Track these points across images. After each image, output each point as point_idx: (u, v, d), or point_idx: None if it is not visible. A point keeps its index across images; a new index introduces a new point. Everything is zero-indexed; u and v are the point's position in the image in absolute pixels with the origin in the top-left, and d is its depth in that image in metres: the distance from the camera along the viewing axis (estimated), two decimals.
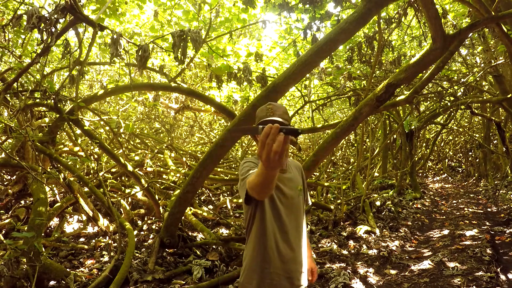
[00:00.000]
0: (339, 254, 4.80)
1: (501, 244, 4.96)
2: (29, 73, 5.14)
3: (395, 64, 6.12)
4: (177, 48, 3.47)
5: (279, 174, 1.71)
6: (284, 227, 1.72)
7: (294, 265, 1.74)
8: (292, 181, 1.80)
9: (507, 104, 6.68)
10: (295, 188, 1.80)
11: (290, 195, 1.75)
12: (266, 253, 1.69)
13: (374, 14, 3.56)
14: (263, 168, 1.15)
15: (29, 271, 3.26)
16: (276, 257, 1.69)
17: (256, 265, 1.71)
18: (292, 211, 1.76)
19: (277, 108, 1.70)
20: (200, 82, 8.80)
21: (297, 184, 1.82)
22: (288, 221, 1.73)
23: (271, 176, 1.19)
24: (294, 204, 1.77)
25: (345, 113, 13.77)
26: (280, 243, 1.70)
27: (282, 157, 1.06)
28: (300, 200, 1.81)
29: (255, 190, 1.34)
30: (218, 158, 4.26)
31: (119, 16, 6.06)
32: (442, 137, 17.32)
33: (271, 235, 1.70)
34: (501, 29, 3.95)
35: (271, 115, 1.66)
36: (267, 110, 1.69)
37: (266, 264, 1.69)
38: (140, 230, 5.70)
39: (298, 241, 1.77)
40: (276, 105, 1.72)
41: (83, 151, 6.32)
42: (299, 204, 1.81)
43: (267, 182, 1.24)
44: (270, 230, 1.70)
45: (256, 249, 1.71)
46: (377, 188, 9.83)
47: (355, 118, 4.13)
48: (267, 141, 1.03)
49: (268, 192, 1.33)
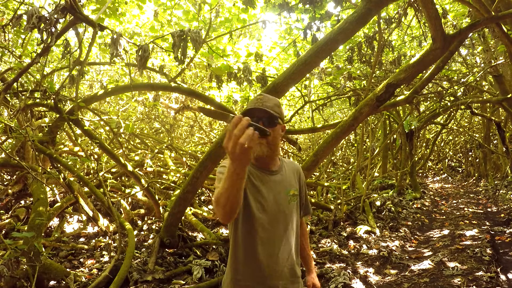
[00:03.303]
0: (339, 254, 4.80)
1: (501, 244, 4.96)
2: (29, 73, 5.14)
3: (395, 64, 6.12)
4: (177, 48, 3.47)
5: (264, 176, 1.56)
6: (265, 236, 1.50)
7: (279, 280, 1.53)
8: (281, 184, 1.59)
9: (507, 104, 6.68)
10: (284, 192, 1.58)
11: (274, 201, 1.54)
12: (239, 265, 1.53)
13: (374, 14, 3.56)
14: (229, 163, 1.09)
15: (29, 271, 3.26)
16: (253, 271, 1.51)
17: (231, 277, 1.55)
18: (277, 219, 1.53)
19: (267, 99, 1.54)
20: (200, 82, 8.79)
21: (288, 188, 1.60)
22: (273, 230, 1.51)
23: (237, 175, 1.10)
24: (280, 211, 1.54)
25: (345, 113, 13.77)
26: (258, 255, 1.49)
27: (249, 152, 1.03)
28: (291, 207, 1.59)
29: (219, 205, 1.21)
30: (218, 158, 4.26)
31: (119, 16, 6.05)
32: (442, 137, 17.32)
33: (246, 247, 1.51)
34: (501, 29, 3.95)
35: (259, 105, 1.51)
36: (256, 100, 1.55)
37: (239, 276, 1.53)
38: (140, 230, 5.70)
39: (285, 254, 1.55)
40: (267, 96, 1.57)
41: (83, 151, 6.32)
42: (290, 212, 1.58)
43: (233, 187, 1.13)
44: (244, 242, 1.51)
45: (230, 261, 1.56)
46: (377, 188, 9.84)
47: (355, 118, 4.13)
48: (234, 132, 1.01)
49: (233, 207, 1.20)
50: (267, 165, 1.59)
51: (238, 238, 1.52)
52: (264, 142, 1.48)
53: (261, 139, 1.38)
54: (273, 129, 1.50)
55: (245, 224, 1.50)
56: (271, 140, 1.50)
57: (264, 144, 1.49)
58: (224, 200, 1.19)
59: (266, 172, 1.57)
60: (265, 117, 1.49)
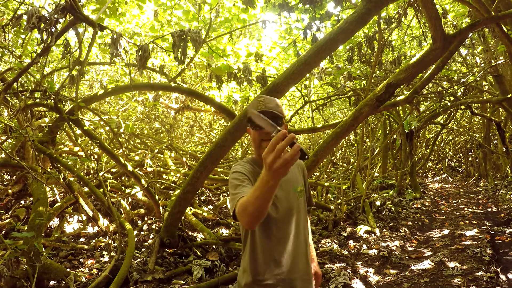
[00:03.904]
0: (339, 254, 4.80)
1: (501, 244, 4.96)
2: (29, 73, 5.14)
3: (395, 64, 6.12)
4: (177, 48, 3.47)
5: None
6: (280, 235, 1.58)
7: (297, 273, 1.60)
8: (289, 182, 1.65)
9: (507, 104, 6.68)
10: (293, 190, 1.65)
11: (285, 199, 1.60)
12: (259, 266, 1.57)
13: (374, 14, 3.56)
14: (265, 174, 1.09)
15: (29, 271, 3.26)
16: (273, 269, 1.56)
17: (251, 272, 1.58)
18: (290, 217, 1.61)
19: (269, 101, 1.57)
20: (200, 82, 8.79)
21: (296, 185, 1.67)
22: (286, 228, 1.59)
23: (271, 187, 1.10)
24: (291, 208, 1.62)
25: (345, 113, 13.77)
26: (276, 254, 1.56)
27: (288, 168, 1.04)
28: (300, 203, 1.66)
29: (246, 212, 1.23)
30: (218, 158, 4.26)
31: (119, 16, 6.05)
32: (442, 137, 17.32)
33: (264, 248, 1.56)
34: (501, 29, 3.95)
35: (262, 107, 1.53)
36: (258, 103, 1.56)
37: (260, 276, 1.57)
38: (140, 230, 5.70)
39: (299, 248, 1.63)
40: (268, 98, 1.60)
41: (83, 151, 6.32)
42: (299, 207, 1.66)
43: (264, 198, 1.15)
44: (262, 243, 1.56)
45: (250, 263, 1.59)
46: (377, 188, 9.83)
47: (355, 118, 4.13)
48: (278, 146, 1.02)
49: (260, 216, 1.23)
50: None
51: (256, 240, 1.57)
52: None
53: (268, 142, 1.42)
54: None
55: (262, 226, 1.54)
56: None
57: None
58: (253, 209, 1.20)
59: None
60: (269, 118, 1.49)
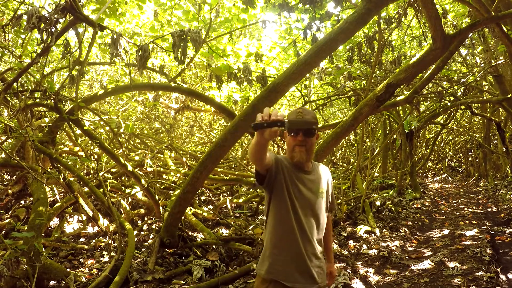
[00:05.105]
0: (339, 254, 4.80)
1: (501, 244, 4.96)
2: (29, 73, 5.13)
3: (395, 64, 6.12)
4: (177, 48, 3.47)
5: (300, 174, 1.89)
6: (300, 223, 1.82)
7: (309, 261, 1.81)
8: (314, 183, 1.91)
9: (507, 104, 6.68)
10: (315, 189, 1.90)
11: (306, 194, 1.86)
12: (278, 241, 1.82)
13: (374, 14, 3.56)
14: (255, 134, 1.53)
15: (29, 271, 3.26)
16: (289, 248, 1.80)
17: (269, 252, 1.84)
18: (310, 211, 1.85)
19: (307, 113, 1.85)
20: (200, 82, 8.79)
21: (318, 186, 1.92)
22: (306, 220, 1.83)
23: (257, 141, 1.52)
24: (311, 204, 1.86)
25: (345, 113, 13.77)
26: (294, 235, 1.80)
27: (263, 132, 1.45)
28: (320, 203, 1.90)
29: (249, 153, 1.68)
30: (218, 158, 4.27)
31: (119, 16, 6.05)
32: (442, 137, 17.32)
33: (286, 225, 1.81)
34: (501, 29, 3.95)
35: (300, 118, 1.81)
36: (297, 113, 1.85)
37: (277, 251, 1.82)
38: (140, 230, 5.70)
39: (315, 241, 1.85)
40: (306, 110, 1.88)
41: (83, 151, 6.32)
42: (319, 206, 1.90)
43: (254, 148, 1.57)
44: (285, 220, 1.81)
45: (270, 236, 1.85)
46: (377, 188, 9.83)
47: (355, 118, 4.13)
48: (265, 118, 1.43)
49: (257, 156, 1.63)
50: (303, 166, 1.91)
51: (277, 218, 1.84)
52: (304, 149, 1.83)
53: (300, 147, 1.83)
54: (311, 139, 1.84)
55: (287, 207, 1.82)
56: (309, 147, 1.85)
57: (304, 152, 1.83)
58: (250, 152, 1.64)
59: (302, 171, 1.90)
60: (305, 128, 1.82)
